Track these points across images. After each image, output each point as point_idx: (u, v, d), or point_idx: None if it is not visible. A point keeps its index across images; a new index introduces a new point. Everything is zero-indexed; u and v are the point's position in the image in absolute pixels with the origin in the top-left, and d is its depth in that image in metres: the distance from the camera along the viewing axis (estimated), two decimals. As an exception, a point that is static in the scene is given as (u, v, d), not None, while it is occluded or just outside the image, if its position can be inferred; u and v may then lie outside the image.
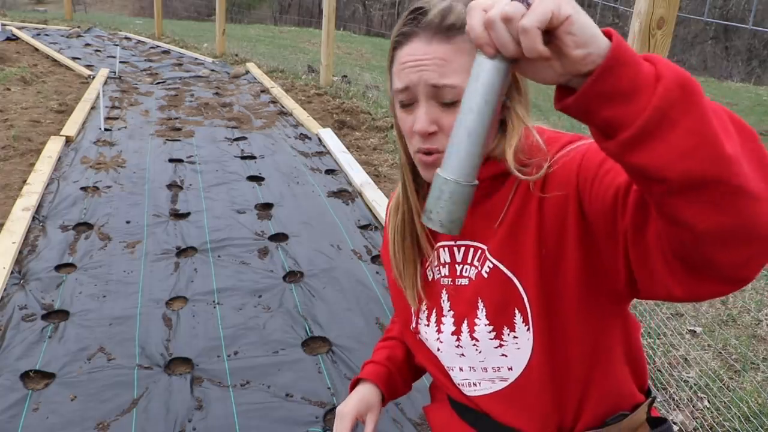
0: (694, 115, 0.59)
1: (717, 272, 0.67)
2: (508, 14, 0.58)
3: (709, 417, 2.15)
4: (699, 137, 0.58)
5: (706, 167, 0.59)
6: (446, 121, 0.88)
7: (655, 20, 2.03)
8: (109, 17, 15.37)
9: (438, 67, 0.86)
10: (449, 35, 0.87)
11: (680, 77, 0.59)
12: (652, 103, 0.58)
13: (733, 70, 20.14)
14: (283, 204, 3.65)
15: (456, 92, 0.86)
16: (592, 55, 0.59)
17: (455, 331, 0.97)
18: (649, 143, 0.59)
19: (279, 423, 2.02)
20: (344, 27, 18.12)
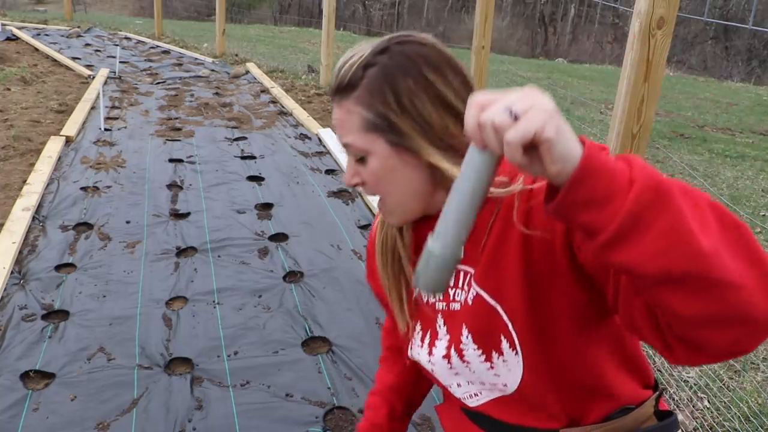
0: (668, 216, 0.62)
1: (711, 349, 0.69)
2: (496, 124, 0.63)
3: (709, 417, 2.15)
4: (673, 237, 0.62)
5: (683, 264, 0.62)
6: (364, 175, 0.93)
7: (655, 20, 2.03)
8: (109, 17, 15.37)
9: (340, 128, 0.92)
10: (341, 96, 0.92)
11: (653, 180, 0.63)
12: (624, 208, 0.62)
13: (733, 70, 20.13)
14: (283, 204, 3.65)
15: (356, 148, 0.91)
16: (566, 169, 0.63)
17: (446, 355, 0.97)
18: (625, 245, 0.63)
19: (279, 423, 2.02)
20: (344, 27, 18.11)
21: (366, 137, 0.90)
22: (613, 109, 2.24)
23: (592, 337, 0.91)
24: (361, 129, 0.90)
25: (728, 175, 5.18)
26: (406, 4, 30.30)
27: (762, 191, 4.81)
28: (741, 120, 7.84)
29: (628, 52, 2.13)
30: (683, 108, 8.29)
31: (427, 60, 0.91)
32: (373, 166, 0.91)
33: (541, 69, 11.55)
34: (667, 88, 9.28)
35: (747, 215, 3.94)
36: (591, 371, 0.92)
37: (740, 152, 6.00)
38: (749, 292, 0.64)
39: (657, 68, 2.09)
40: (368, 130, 0.90)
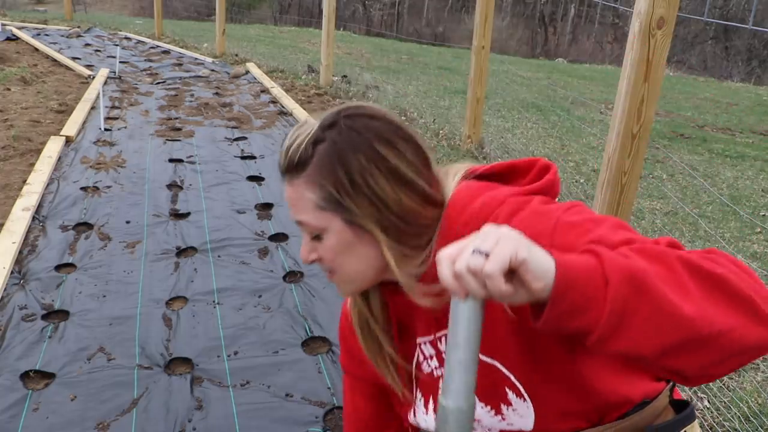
0: (647, 301, 0.66)
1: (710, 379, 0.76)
2: (472, 267, 0.66)
3: (709, 417, 2.15)
4: (658, 317, 0.66)
5: (674, 337, 0.67)
6: (320, 252, 0.94)
7: (655, 20, 2.03)
8: (109, 17, 15.37)
9: (292, 206, 0.93)
10: (292, 176, 0.92)
11: (625, 272, 0.66)
12: (606, 309, 0.66)
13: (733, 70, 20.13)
14: (283, 204, 3.65)
15: (311, 226, 0.91)
16: (548, 284, 0.67)
17: None
18: (616, 338, 0.68)
19: (279, 423, 2.02)
20: (344, 27, 18.12)
21: (320, 216, 0.90)
22: (613, 109, 2.24)
23: (587, 360, 0.91)
24: (315, 209, 0.90)
25: (728, 175, 5.18)
26: (406, 4, 30.29)
27: (762, 191, 4.81)
28: (741, 120, 7.84)
29: (628, 52, 2.13)
30: (683, 108, 8.29)
31: (377, 134, 0.90)
32: (330, 243, 0.92)
33: (541, 69, 11.55)
34: (667, 88, 9.28)
35: (747, 215, 3.94)
36: (599, 388, 0.92)
37: (740, 152, 5.99)
38: (740, 330, 0.69)
39: (657, 68, 2.09)
40: (322, 209, 0.90)
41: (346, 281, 0.96)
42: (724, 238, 3.69)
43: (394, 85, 7.80)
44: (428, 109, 6.41)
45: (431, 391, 1.02)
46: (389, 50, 12.38)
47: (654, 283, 0.67)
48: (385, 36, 19.84)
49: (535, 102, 7.50)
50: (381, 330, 1.03)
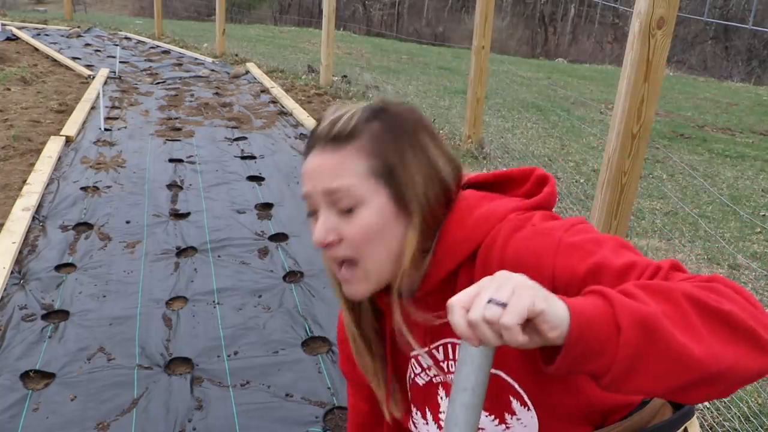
0: (658, 344, 0.67)
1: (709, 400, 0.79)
2: (488, 318, 0.66)
3: (709, 417, 2.15)
4: (669, 360, 0.67)
5: (684, 377, 0.69)
6: (346, 230, 0.89)
7: (655, 20, 2.03)
8: (109, 17, 15.37)
9: (330, 171, 0.89)
10: (339, 143, 0.89)
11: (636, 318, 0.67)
12: (619, 354, 0.67)
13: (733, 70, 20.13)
14: (283, 204, 3.65)
15: (350, 195, 0.88)
16: (558, 334, 0.67)
17: None
18: (628, 381, 0.69)
19: (279, 423, 2.02)
20: (344, 27, 18.11)
21: (366, 185, 0.88)
22: (613, 109, 2.24)
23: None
24: (363, 176, 0.88)
25: (728, 175, 5.18)
26: (406, 4, 30.29)
27: (762, 191, 4.81)
28: (741, 120, 7.84)
29: (628, 52, 2.13)
30: (683, 108, 8.29)
31: (418, 123, 0.92)
32: (366, 218, 0.88)
33: (541, 69, 11.55)
34: (667, 88, 9.28)
35: (747, 215, 3.94)
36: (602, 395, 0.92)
37: (740, 152, 5.99)
38: (743, 362, 0.70)
39: (657, 68, 2.09)
40: (372, 176, 0.88)
41: (366, 275, 0.91)
42: (724, 238, 3.69)
43: (394, 85, 7.80)
44: (428, 109, 6.41)
45: (430, 400, 1.01)
46: (389, 50, 12.38)
47: (664, 326, 0.67)
48: (385, 36, 19.84)
49: (535, 102, 7.50)
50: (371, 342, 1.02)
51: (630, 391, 0.70)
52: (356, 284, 0.93)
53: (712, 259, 3.41)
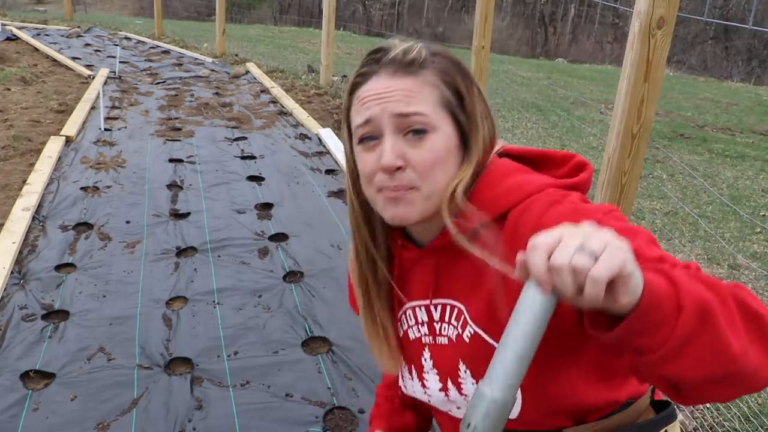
0: (709, 333, 0.67)
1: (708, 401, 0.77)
2: (577, 266, 0.62)
3: (709, 417, 2.15)
4: (712, 350, 0.67)
5: (718, 369, 0.68)
6: (413, 155, 0.87)
7: (655, 20, 2.03)
8: (109, 17, 15.37)
9: (403, 97, 0.87)
10: (412, 70, 0.88)
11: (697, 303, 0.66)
12: (674, 335, 0.66)
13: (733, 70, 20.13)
14: (283, 204, 3.65)
15: (423, 121, 0.86)
16: (634, 300, 0.65)
17: (442, 388, 0.98)
18: (670, 363, 0.68)
19: (279, 423, 2.02)
20: (344, 27, 18.12)
21: (438, 113, 0.88)
22: (613, 109, 2.24)
23: (582, 362, 0.91)
24: (437, 103, 0.88)
25: (728, 175, 5.18)
26: (406, 4, 30.30)
27: (762, 191, 4.81)
28: (741, 120, 7.84)
29: (628, 52, 2.13)
30: (683, 108, 8.29)
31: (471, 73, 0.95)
32: (436, 143, 0.87)
33: (541, 69, 11.55)
34: (667, 88, 9.28)
35: (747, 215, 3.94)
36: (587, 391, 0.92)
37: (740, 152, 6.00)
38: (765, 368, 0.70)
39: (657, 68, 2.09)
40: (443, 105, 0.89)
41: (425, 197, 0.89)
42: (724, 238, 3.69)
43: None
44: (428, 109, 6.40)
45: (415, 358, 1.01)
46: (389, 50, 12.36)
47: (716, 317, 0.67)
48: (385, 36, 19.84)
49: (535, 102, 7.50)
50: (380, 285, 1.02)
51: (665, 376, 0.69)
52: (411, 207, 0.89)
53: (712, 259, 3.41)
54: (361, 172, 0.92)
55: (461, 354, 0.94)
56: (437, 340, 0.98)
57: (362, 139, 0.90)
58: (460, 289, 0.93)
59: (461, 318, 0.94)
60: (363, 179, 0.92)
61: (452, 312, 0.95)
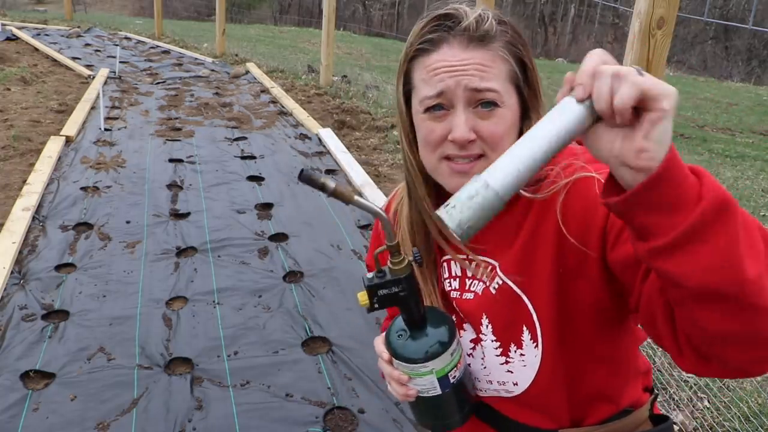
0: (724, 237, 0.62)
1: (725, 365, 0.69)
2: (621, 71, 0.61)
3: (709, 417, 2.15)
4: (724, 258, 0.61)
5: (724, 285, 0.62)
6: (484, 127, 0.87)
7: (655, 20, 2.03)
8: (109, 17, 15.37)
9: (478, 71, 0.86)
10: (485, 42, 0.87)
11: (720, 200, 0.62)
12: (688, 221, 0.61)
13: (733, 70, 20.13)
14: (283, 204, 3.65)
15: (496, 96, 0.86)
16: (651, 153, 0.61)
17: (474, 339, 0.97)
18: (677, 255, 0.63)
19: (279, 423, 2.02)
20: (344, 27, 18.12)
21: (507, 86, 0.88)
22: (613, 109, 2.24)
23: (607, 339, 0.91)
24: (506, 76, 0.88)
25: (728, 175, 5.18)
26: (406, 4, 30.30)
27: (762, 191, 4.81)
28: (741, 120, 7.85)
29: (628, 52, 2.13)
30: (683, 108, 8.29)
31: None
32: (505, 116, 0.88)
33: (541, 69, 11.46)
34: (667, 88, 9.25)
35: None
36: (601, 372, 0.93)
37: (740, 152, 6.00)
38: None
39: (657, 68, 2.09)
40: (511, 79, 0.89)
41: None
42: (724, 238, 3.69)
43: (394, 85, 7.79)
44: (428, 109, 6.41)
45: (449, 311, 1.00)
46: (389, 50, 12.38)
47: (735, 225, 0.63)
48: (385, 36, 19.84)
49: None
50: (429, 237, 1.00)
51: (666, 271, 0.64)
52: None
53: (712, 259, 3.41)
54: (423, 138, 0.91)
55: (485, 307, 0.94)
56: (463, 296, 0.98)
57: (429, 109, 0.89)
58: (495, 246, 0.94)
59: (492, 273, 0.94)
60: (425, 145, 0.91)
61: (485, 269, 0.95)
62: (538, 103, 0.92)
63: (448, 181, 0.90)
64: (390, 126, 5.43)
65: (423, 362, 0.88)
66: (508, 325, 0.92)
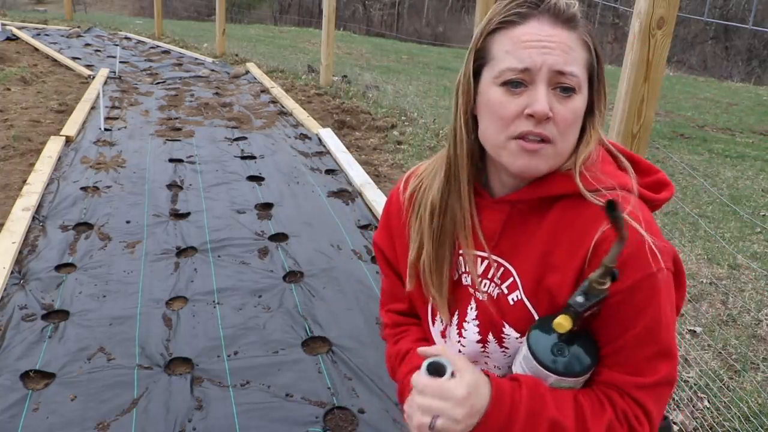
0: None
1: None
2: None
3: (709, 417, 2.15)
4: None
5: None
6: (558, 110, 0.86)
7: (655, 20, 2.03)
8: (109, 17, 15.37)
9: (563, 53, 0.86)
10: (572, 25, 0.87)
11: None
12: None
13: (733, 70, 20.12)
14: (283, 204, 3.65)
15: (575, 81, 0.86)
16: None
17: (480, 340, 0.98)
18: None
19: (279, 423, 2.02)
20: (344, 27, 18.12)
21: (584, 74, 0.89)
22: (613, 109, 2.24)
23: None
24: (584, 64, 0.89)
25: (728, 175, 5.18)
26: (406, 4, 30.29)
27: (762, 191, 4.81)
28: (741, 120, 7.84)
29: (628, 52, 2.13)
30: (683, 108, 8.29)
31: None
32: (578, 104, 0.88)
33: (541, 69, 11.51)
34: (667, 88, 9.28)
35: (747, 215, 3.94)
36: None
37: (740, 152, 6.00)
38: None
39: (657, 68, 2.09)
40: (587, 68, 0.89)
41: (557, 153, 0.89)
42: (724, 238, 3.69)
43: (394, 85, 7.80)
44: (428, 109, 6.41)
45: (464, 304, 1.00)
46: (389, 50, 12.38)
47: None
48: (385, 36, 19.84)
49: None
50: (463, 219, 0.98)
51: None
52: (543, 160, 0.88)
53: (712, 259, 3.41)
54: (495, 112, 0.88)
55: (504, 314, 0.95)
56: (478, 295, 0.98)
57: (508, 82, 0.87)
58: (517, 251, 0.94)
59: (508, 279, 0.94)
60: (496, 120, 0.89)
61: (497, 270, 0.95)
62: (602, 101, 0.92)
63: (514, 160, 0.88)
64: (390, 126, 5.43)
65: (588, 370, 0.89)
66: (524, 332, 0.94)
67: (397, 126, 5.48)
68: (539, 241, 0.91)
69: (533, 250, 0.91)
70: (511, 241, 0.94)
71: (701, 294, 2.98)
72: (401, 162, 4.61)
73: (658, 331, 0.85)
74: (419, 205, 1.01)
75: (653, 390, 0.87)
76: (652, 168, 0.97)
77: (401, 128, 5.45)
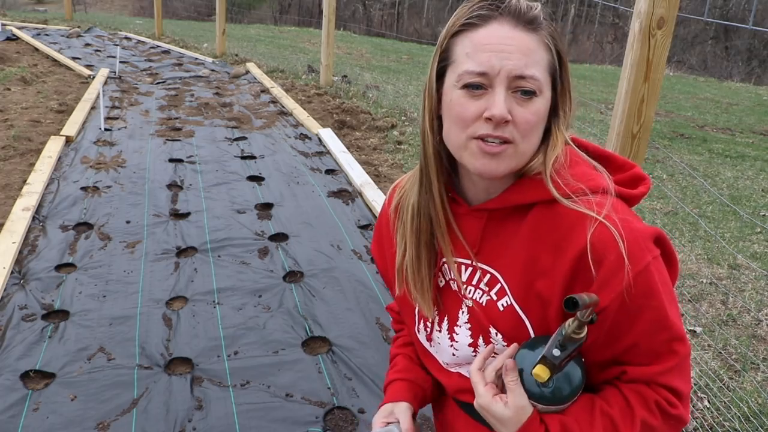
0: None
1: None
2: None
3: (709, 417, 2.15)
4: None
5: None
6: (519, 113, 0.86)
7: (655, 20, 2.03)
8: (109, 17, 15.37)
9: (523, 56, 0.85)
10: (532, 27, 0.87)
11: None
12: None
13: (733, 70, 20.12)
14: (283, 204, 3.65)
15: (535, 84, 0.86)
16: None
17: (472, 344, 0.98)
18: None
19: (279, 423, 2.02)
20: (344, 27, 18.11)
21: (546, 77, 0.88)
22: (613, 109, 2.24)
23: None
24: (546, 67, 0.88)
25: (728, 175, 5.18)
26: (406, 4, 30.30)
27: (762, 191, 4.81)
28: (741, 120, 7.84)
29: (628, 52, 2.13)
30: (683, 108, 8.29)
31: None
32: (539, 106, 0.87)
33: (541, 69, 11.51)
34: (667, 88, 9.28)
35: (747, 215, 3.94)
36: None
37: (740, 152, 6.00)
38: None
39: (657, 68, 2.09)
40: (549, 70, 0.89)
41: (518, 154, 0.88)
42: (724, 238, 3.69)
43: (394, 85, 7.80)
44: (428, 109, 6.40)
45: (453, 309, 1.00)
46: (389, 50, 12.38)
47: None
48: (385, 36, 19.84)
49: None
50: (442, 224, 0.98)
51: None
52: (503, 162, 0.88)
53: (712, 259, 3.41)
54: (455, 115, 0.89)
55: (493, 320, 0.95)
56: (466, 301, 0.99)
57: (468, 85, 0.87)
58: (500, 257, 0.94)
59: (495, 286, 0.94)
60: (456, 122, 0.89)
61: (483, 277, 0.95)
62: (567, 102, 0.92)
63: (474, 161, 0.89)
64: (390, 126, 5.43)
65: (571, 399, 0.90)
66: (513, 338, 0.94)
67: (397, 126, 5.49)
68: (521, 246, 0.91)
69: (517, 255, 0.91)
70: (493, 248, 0.94)
71: (701, 294, 2.98)
72: (401, 162, 4.61)
73: (666, 318, 0.86)
74: (403, 212, 1.03)
75: (677, 370, 0.88)
76: (627, 163, 0.96)
77: (401, 128, 5.45)
